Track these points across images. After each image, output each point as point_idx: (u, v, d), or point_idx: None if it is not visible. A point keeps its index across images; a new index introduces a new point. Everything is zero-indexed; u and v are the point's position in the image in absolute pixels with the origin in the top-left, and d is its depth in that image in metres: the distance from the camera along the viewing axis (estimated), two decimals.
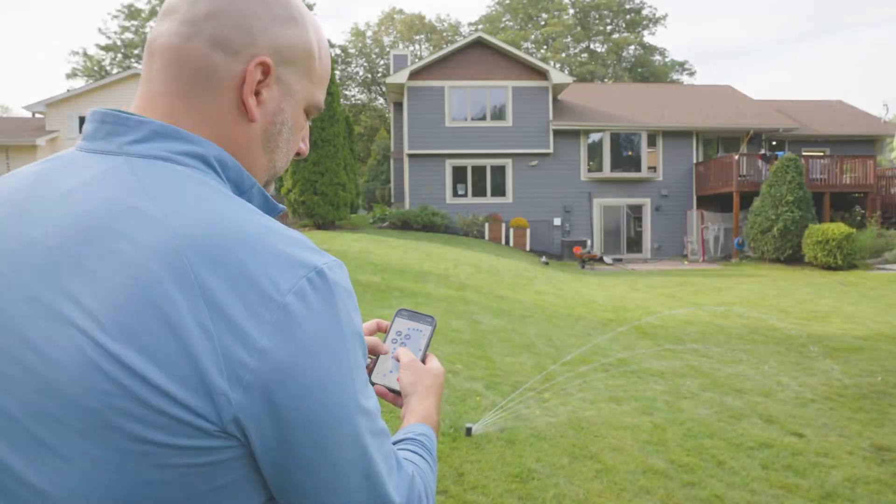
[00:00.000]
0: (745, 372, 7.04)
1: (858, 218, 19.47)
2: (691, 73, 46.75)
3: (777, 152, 20.35)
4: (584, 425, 4.69)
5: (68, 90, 23.87)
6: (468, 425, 4.10)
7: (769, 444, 4.82)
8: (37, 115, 26.22)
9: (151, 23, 40.04)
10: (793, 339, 8.72)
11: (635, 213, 22.26)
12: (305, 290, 0.60)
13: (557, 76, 21.59)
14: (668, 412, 5.42)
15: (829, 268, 16.66)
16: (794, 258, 17.92)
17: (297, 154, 0.83)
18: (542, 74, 21.78)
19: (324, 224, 19.48)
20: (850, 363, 7.36)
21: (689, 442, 4.73)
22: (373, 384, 1.08)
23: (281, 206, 0.77)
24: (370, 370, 1.10)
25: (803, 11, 79.75)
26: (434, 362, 1.08)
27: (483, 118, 21.79)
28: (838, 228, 16.41)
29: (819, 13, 79.83)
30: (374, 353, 1.09)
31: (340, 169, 19.18)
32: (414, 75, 21.50)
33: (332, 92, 19.12)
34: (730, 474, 4.19)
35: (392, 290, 9.90)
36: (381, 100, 43.88)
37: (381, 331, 1.15)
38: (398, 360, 1.05)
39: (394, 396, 1.05)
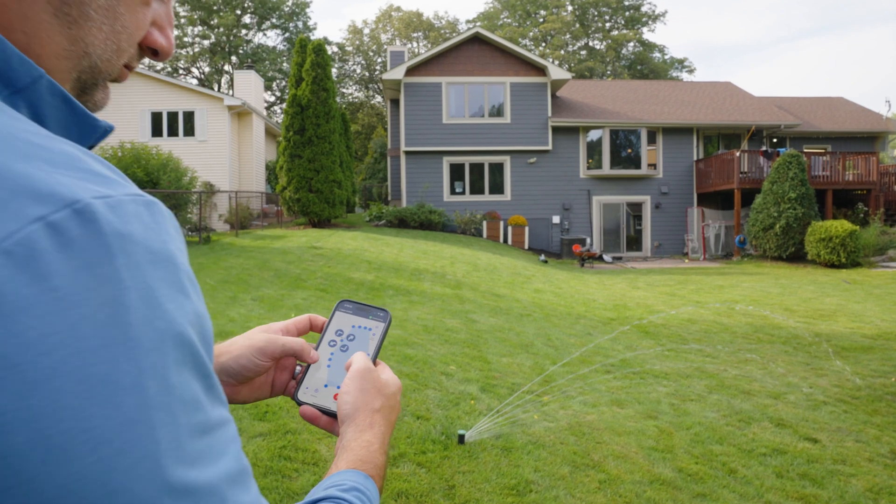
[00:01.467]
0: (752, 373, 6.75)
1: (861, 215, 19.19)
2: (691, 71, 46.45)
3: (779, 149, 20.08)
4: (586, 431, 4.39)
5: None
6: (461, 432, 3.80)
7: (782, 450, 4.53)
8: None
9: None
10: (800, 339, 8.43)
11: (635, 210, 21.97)
12: (37, 244, 0.29)
13: (556, 72, 21.30)
14: (674, 416, 5.13)
15: (832, 266, 16.39)
16: (797, 256, 17.65)
17: (155, 53, 0.51)
18: (541, 70, 21.48)
19: (319, 222, 19.17)
20: (860, 363, 7.07)
21: (698, 448, 4.44)
22: (299, 404, 0.80)
23: (105, 123, 0.46)
24: (297, 383, 0.82)
25: (803, 9, 79.44)
26: (387, 374, 0.79)
27: (481, 115, 21.49)
28: (842, 226, 16.14)
29: (819, 11, 79.50)
30: (301, 358, 0.80)
31: (336, 166, 18.87)
32: (411, 71, 21.19)
33: (328, 88, 18.82)
34: (742, 484, 3.90)
35: (386, 289, 9.60)
36: (379, 98, 43.57)
37: (316, 329, 0.86)
38: (346, 369, 0.78)
39: (329, 421, 0.77)
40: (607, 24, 45.55)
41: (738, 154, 19.19)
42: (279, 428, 3.61)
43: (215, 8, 37.89)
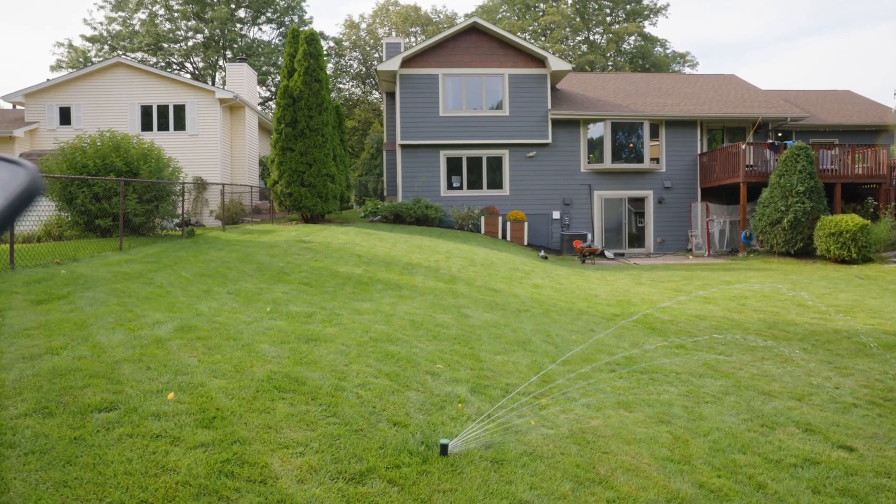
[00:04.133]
0: (770, 371, 6.18)
1: (871, 210, 18.61)
2: (693, 66, 45.77)
3: (786, 141, 19.49)
4: (590, 438, 3.82)
5: (48, 80, 22.92)
6: (443, 441, 3.22)
7: (815, 459, 3.96)
8: (17, 107, 25.36)
9: (139, 14, 39.15)
10: (818, 335, 7.86)
11: (637, 205, 21.38)
12: None
13: (556, 63, 20.71)
14: (689, 420, 4.56)
15: (842, 261, 15.81)
16: (805, 251, 17.07)
17: None
18: (540, 62, 20.89)
19: (312, 217, 18.59)
20: (888, 362, 6.50)
21: (718, 458, 3.86)
22: None
23: None
24: None
25: (804, 6, 78.65)
26: None
27: (479, 107, 20.90)
28: (852, 220, 15.56)
29: (820, 8, 78.71)
30: None
31: (329, 160, 18.28)
32: (406, 63, 20.61)
33: (321, 79, 18.24)
34: (775, 502, 3.33)
35: (375, 283, 9.02)
36: (377, 94, 42.95)
37: None
38: None
39: None
40: (608, 18, 44.90)
41: (743, 147, 18.60)
42: (227, 437, 3.03)
43: (209, 1, 37.28)
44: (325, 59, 19.24)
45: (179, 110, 22.92)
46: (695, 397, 5.20)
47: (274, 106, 40.75)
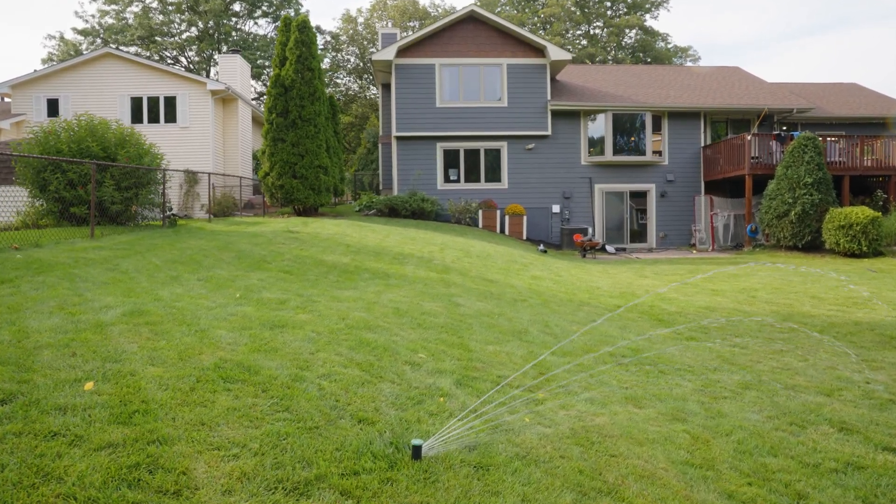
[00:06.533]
0: (791, 364, 5.59)
1: (880, 203, 18.01)
2: (695, 60, 45.16)
3: (793, 132, 18.90)
4: (595, 438, 3.23)
5: (35, 70, 22.32)
6: (416, 442, 2.63)
7: (858, 464, 3.38)
8: (6, 99, 24.79)
9: (133, 7, 38.52)
10: (838, 327, 7.27)
11: (639, 199, 20.78)
12: None
13: (555, 52, 20.10)
14: (707, 417, 3.97)
15: (852, 255, 15.22)
16: (813, 245, 16.46)
17: None
18: (540, 51, 20.29)
19: (304, 210, 17.99)
20: None
21: (746, 462, 3.28)
22: None
23: None
24: None
25: (807, 5, 77.95)
26: None
27: (476, 98, 20.30)
28: (863, 212, 14.97)
29: (822, 6, 78.02)
30: None
31: (322, 151, 17.68)
32: (402, 52, 20.01)
33: (313, 68, 17.64)
34: None
35: (361, 272, 8.42)
36: (374, 89, 42.31)
37: None
38: None
39: None
40: (608, 12, 44.24)
41: (748, 138, 18.00)
42: (144, 435, 2.44)
43: None
44: (318, 47, 18.63)
45: (170, 102, 22.32)
46: (711, 392, 4.62)
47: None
